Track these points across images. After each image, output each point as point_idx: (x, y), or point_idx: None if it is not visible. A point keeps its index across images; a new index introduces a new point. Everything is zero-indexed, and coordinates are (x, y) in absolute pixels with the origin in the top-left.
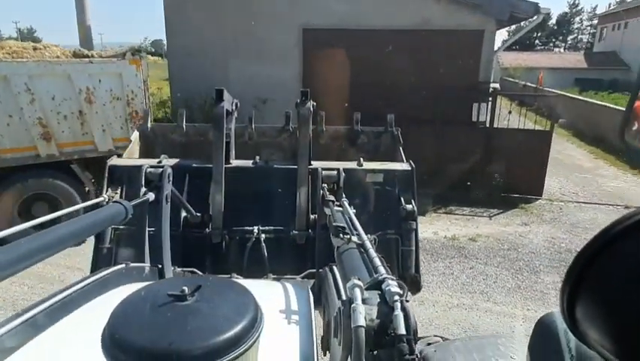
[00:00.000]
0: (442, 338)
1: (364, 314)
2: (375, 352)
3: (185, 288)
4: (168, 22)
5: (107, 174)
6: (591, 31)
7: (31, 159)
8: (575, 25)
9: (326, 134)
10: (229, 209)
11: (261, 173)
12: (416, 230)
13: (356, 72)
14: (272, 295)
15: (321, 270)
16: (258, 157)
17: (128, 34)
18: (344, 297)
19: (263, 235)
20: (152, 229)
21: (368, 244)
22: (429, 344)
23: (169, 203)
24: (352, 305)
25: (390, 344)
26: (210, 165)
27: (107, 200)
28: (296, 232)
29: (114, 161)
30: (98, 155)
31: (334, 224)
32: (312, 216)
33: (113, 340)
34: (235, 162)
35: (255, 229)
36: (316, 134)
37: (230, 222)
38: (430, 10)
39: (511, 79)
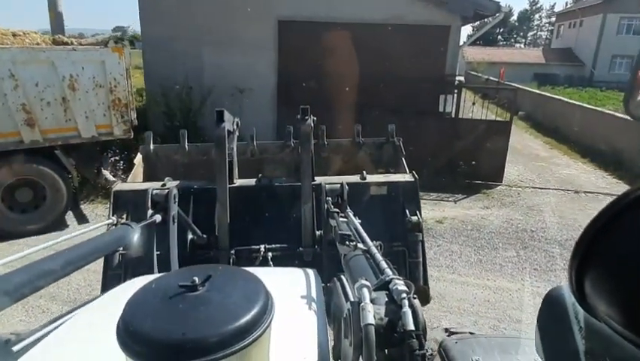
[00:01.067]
0: (472, 333)
1: (373, 313)
2: (386, 350)
3: (196, 278)
4: (143, 10)
5: (111, 200)
6: (549, 28)
7: (15, 145)
8: (535, 23)
9: (328, 147)
10: (235, 229)
11: (265, 191)
12: (422, 241)
13: (329, 64)
14: (281, 282)
15: (329, 284)
16: (260, 175)
17: (90, 21)
18: (352, 298)
19: (270, 254)
20: (159, 252)
21: (374, 249)
22: (451, 333)
23: (176, 224)
24: (361, 304)
25: (400, 340)
26: (214, 186)
27: (115, 222)
28: (302, 249)
29: (119, 186)
30: (81, 141)
31: (340, 232)
32: (317, 233)
33: (128, 331)
34: (239, 182)
35: (262, 247)
36: (318, 148)
37: (236, 242)
38: (400, 6)
39: (474, 73)
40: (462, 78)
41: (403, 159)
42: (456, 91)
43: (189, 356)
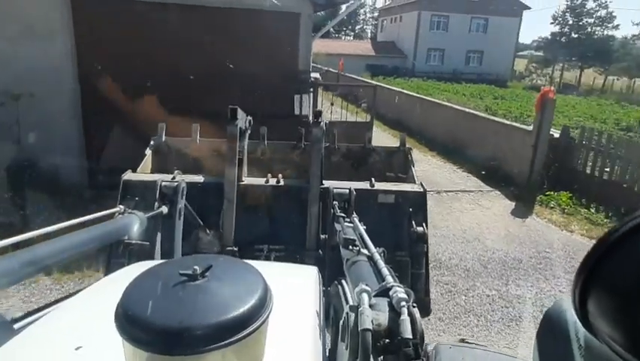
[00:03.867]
0: (469, 342)
1: (371, 318)
2: (381, 357)
3: (197, 267)
4: None
5: (120, 188)
6: (373, 22)
7: None
8: (361, 17)
9: (338, 152)
10: (240, 226)
11: (273, 191)
12: (427, 253)
13: (154, 55)
14: (280, 276)
15: (330, 287)
16: (270, 175)
17: None
18: (352, 302)
19: (273, 254)
20: (164, 243)
21: (377, 256)
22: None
23: (182, 217)
24: (360, 309)
25: (397, 348)
26: (223, 182)
27: (122, 211)
28: (305, 252)
29: (128, 176)
30: None
31: (344, 237)
32: (322, 236)
33: (126, 316)
34: (247, 180)
35: (266, 247)
36: (328, 152)
37: (240, 239)
38: None
39: (315, 64)
40: (317, 75)
41: (413, 168)
42: (312, 90)
43: (186, 344)
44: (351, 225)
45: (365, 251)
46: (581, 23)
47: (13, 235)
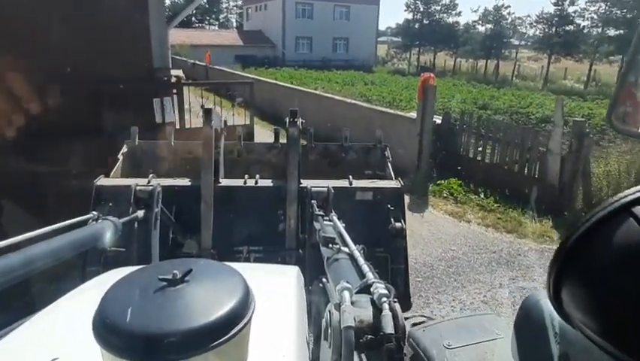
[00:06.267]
0: (426, 317)
1: (353, 316)
2: (364, 353)
3: (176, 271)
4: None
5: (93, 194)
6: (238, 11)
7: None
8: (224, 5)
9: (315, 150)
10: (218, 229)
11: (251, 192)
12: (405, 248)
13: None
14: (261, 277)
15: (311, 286)
16: (247, 176)
17: None
18: (333, 300)
19: (253, 255)
20: (140, 249)
21: (357, 253)
22: (414, 324)
23: (158, 222)
24: (342, 307)
25: (379, 344)
26: (199, 185)
27: (95, 217)
28: (285, 252)
29: (101, 181)
30: None
31: (323, 235)
32: (302, 236)
33: (104, 324)
34: (224, 182)
35: (245, 248)
36: (305, 150)
37: (219, 241)
38: None
39: (179, 57)
40: (180, 72)
41: (389, 164)
42: (175, 91)
43: (167, 350)
44: (331, 223)
45: (345, 249)
46: (430, 10)
47: None
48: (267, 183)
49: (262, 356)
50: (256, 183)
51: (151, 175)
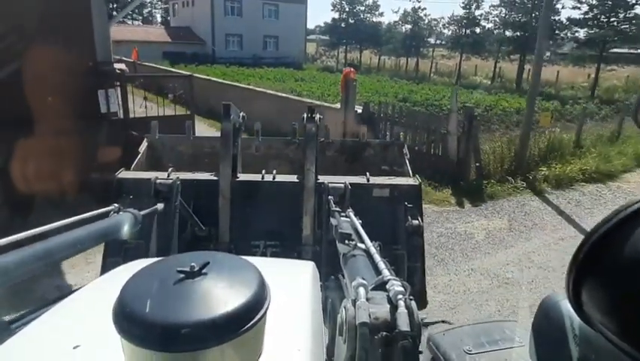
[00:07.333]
0: (446, 322)
1: (369, 312)
2: (379, 350)
3: (194, 264)
4: None
5: (114, 187)
6: (163, 6)
7: None
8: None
9: (332, 146)
10: (236, 223)
11: (268, 187)
12: (422, 246)
13: None
14: (277, 271)
15: (327, 282)
16: (264, 171)
17: None
18: (349, 296)
19: (269, 250)
20: (160, 241)
21: (373, 250)
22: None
23: (177, 215)
24: (357, 303)
25: (395, 341)
26: (218, 179)
27: (116, 209)
28: (302, 247)
29: (122, 174)
30: None
31: (340, 231)
32: (318, 232)
33: (124, 314)
34: (242, 176)
35: (262, 243)
36: (323, 146)
37: (236, 236)
38: None
39: None
40: (123, 66)
41: (407, 161)
42: (119, 83)
43: (185, 341)
44: (347, 219)
45: (361, 245)
46: (355, 10)
47: None
48: (285, 178)
49: (277, 350)
50: (274, 178)
51: (170, 169)
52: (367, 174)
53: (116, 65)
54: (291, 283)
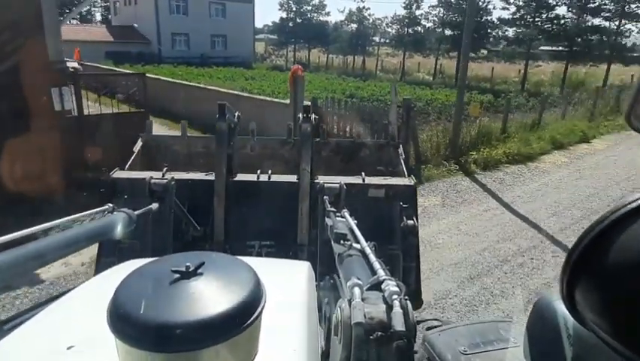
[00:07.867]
0: (439, 320)
1: (364, 312)
2: (375, 350)
3: (189, 264)
4: None
5: (109, 186)
6: (103, 4)
7: None
8: None
9: (328, 147)
10: (231, 223)
11: (264, 187)
12: (417, 246)
13: None
14: (272, 271)
15: (322, 282)
16: (259, 171)
17: None
18: (344, 296)
19: (264, 249)
20: (154, 241)
21: (368, 250)
22: (428, 328)
23: (172, 214)
24: (352, 303)
25: (390, 341)
26: (212, 179)
27: (111, 209)
28: (297, 247)
29: (117, 174)
30: None
31: (335, 231)
32: (313, 232)
33: (119, 314)
34: (237, 176)
35: (257, 243)
36: (318, 146)
37: (231, 236)
38: None
39: None
40: (76, 64)
41: (403, 161)
42: (72, 82)
43: (180, 341)
44: (343, 219)
45: (356, 245)
46: (302, 10)
47: None
48: (280, 178)
49: (273, 350)
50: (269, 178)
51: (165, 168)
52: (363, 174)
53: (69, 64)
54: (286, 284)
